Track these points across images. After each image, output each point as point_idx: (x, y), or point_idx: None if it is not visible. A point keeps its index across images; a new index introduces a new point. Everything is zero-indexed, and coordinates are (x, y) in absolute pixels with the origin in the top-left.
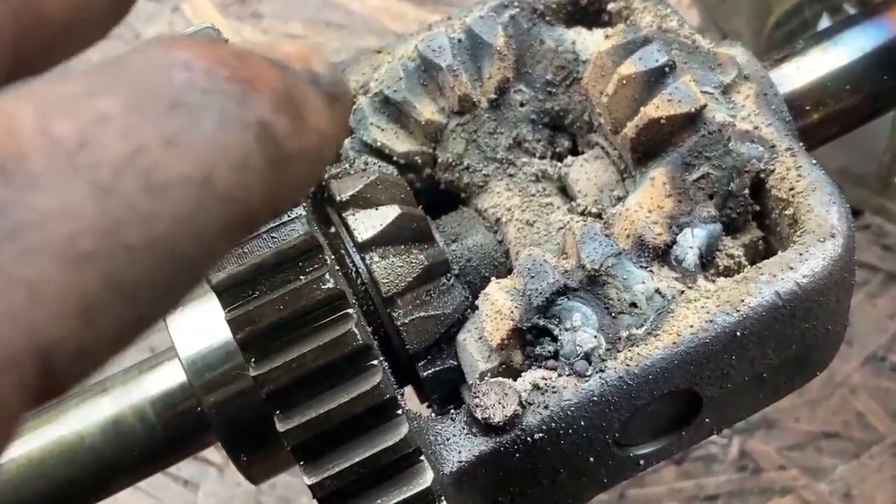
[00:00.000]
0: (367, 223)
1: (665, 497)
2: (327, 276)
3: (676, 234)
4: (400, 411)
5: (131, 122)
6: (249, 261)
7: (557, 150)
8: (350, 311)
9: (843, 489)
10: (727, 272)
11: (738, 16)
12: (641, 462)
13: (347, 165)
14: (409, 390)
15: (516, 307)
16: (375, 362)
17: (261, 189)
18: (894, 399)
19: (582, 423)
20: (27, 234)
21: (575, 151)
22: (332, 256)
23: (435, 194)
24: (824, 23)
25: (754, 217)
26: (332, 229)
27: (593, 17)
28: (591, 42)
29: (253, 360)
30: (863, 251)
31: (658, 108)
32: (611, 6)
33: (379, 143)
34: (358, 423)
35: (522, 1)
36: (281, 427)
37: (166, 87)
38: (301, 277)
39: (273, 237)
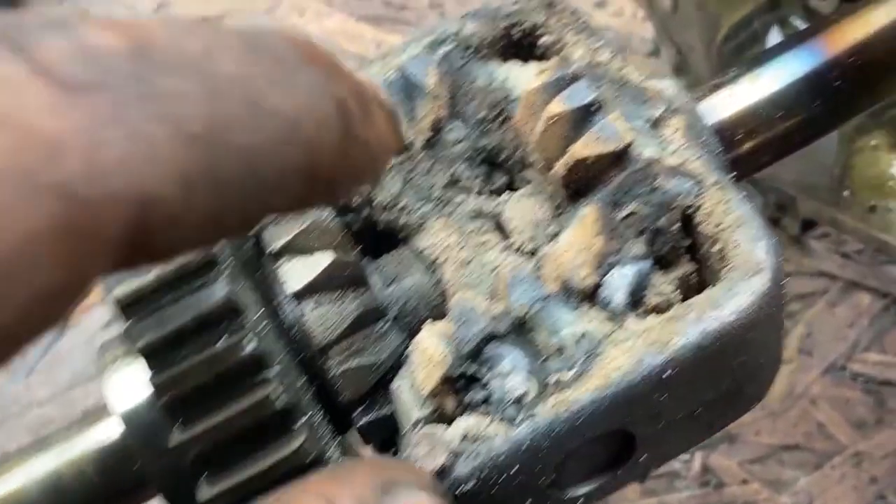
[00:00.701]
0: (299, 273)
1: None
2: (246, 339)
3: (605, 274)
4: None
5: (246, 58)
6: (171, 324)
7: (494, 186)
8: (273, 372)
9: (806, 501)
10: (658, 309)
11: (690, 29)
12: (579, 502)
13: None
14: None
15: (448, 353)
16: (299, 423)
17: (331, 152)
18: (855, 408)
19: (514, 470)
20: (158, 102)
21: (512, 187)
22: (263, 310)
23: (375, 234)
24: (774, 35)
25: (687, 250)
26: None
27: (529, 50)
28: (522, 78)
29: (178, 425)
30: (822, 260)
31: (586, 146)
32: (543, 40)
33: None
34: (283, 485)
35: (457, 37)
36: (203, 495)
37: (276, 47)
38: (221, 341)
39: (192, 300)
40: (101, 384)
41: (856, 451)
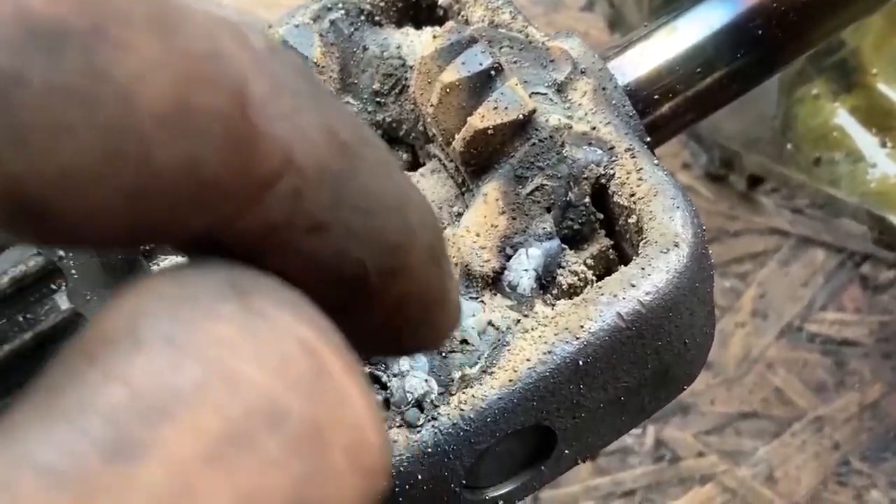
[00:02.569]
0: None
1: (581, 496)
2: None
3: (510, 257)
4: None
5: None
6: (6, 346)
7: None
8: None
9: (766, 471)
10: (572, 290)
11: None
12: (501, 503)
13: None
14: None
15: None
16: None
17: None
18: (814, 372)
19: (420, 476)
20: None
21: (416, 164)
22: None
23: None
24: None
25: (602, 225)
26: None
27: (427, 13)
28: (418, 44)
29: None
30: (772, 216)
31: (483, 117)
32: (442, 0)
33: None
34: None
35: (348, 2)
36: None
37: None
38: None
39: (30, 317)
40: None
41: (816, 416)
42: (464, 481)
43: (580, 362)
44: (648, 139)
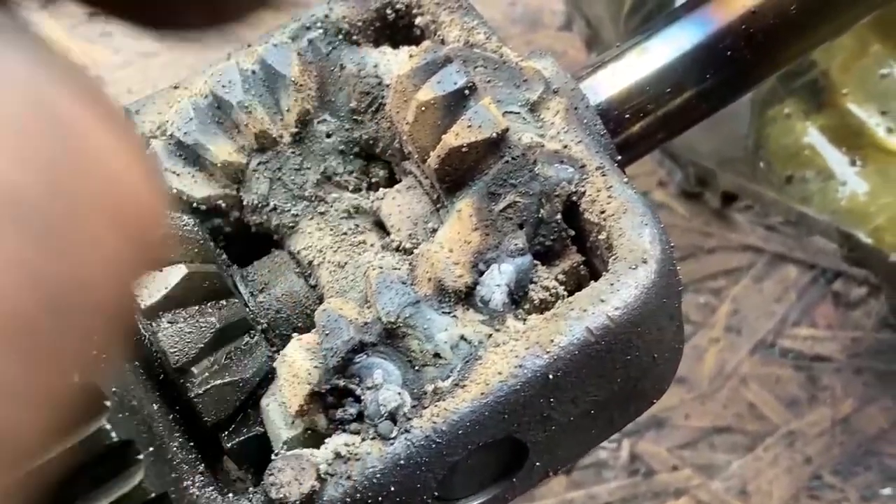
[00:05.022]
0: (150, 287)
1: None
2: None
3: (482, 273)
4: None
5: None
6: None
7: (373, 180)
8: (107, 402)
9: (739, 485)
10: (543, 306)
11: (598, 1)
12: None
13: None
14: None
15: (315, 367)
16: (140, 456)
17: None
18: (786, 387)
19: (392, 488)
20: None
21: (393, 180)
22: None
23: (249, 238)
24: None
25: (574, 241)
26: None
27: (404, 32)
28: (395, 63)
29: None
30: (746, 234)
31: (458, 135)
32: (418, 20)
33: (175, 190)
34: None
35: (326, 21)
36: None
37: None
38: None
39: None
40: None
41: (789, 431)
42: (436, 493)
43: (550, 376)
44: (619, 157)
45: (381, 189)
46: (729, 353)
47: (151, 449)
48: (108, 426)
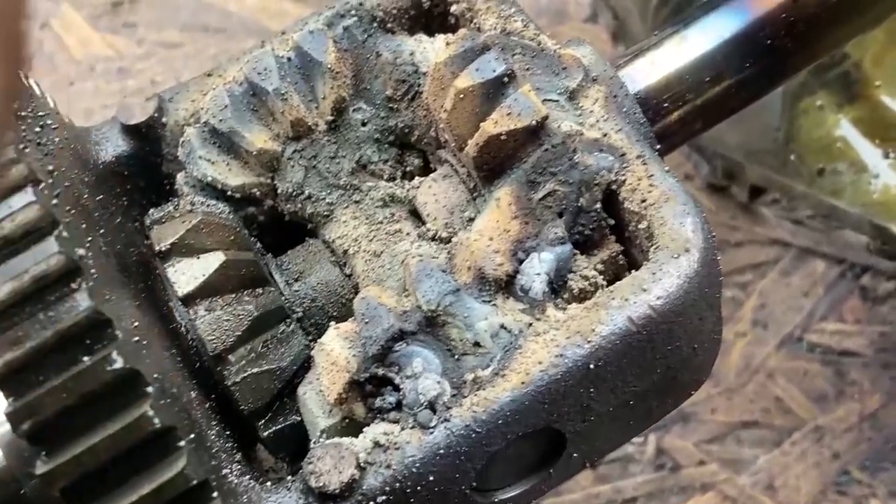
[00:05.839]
0: (188, 274)
1: (582, 503)
2: (115, 354)
3: (522, 261)
4: (215, 494)
5: None
6: (27, 344)
7: (408, 169)
8: (148, 389)
9: (766, 480)
10: (583, 295)
11: None
12: None
13: (172, 208)
14: None
15: (354, 356)
16: (182, 443)
17: None
18: (814, 381)
19: (431, 478)
20: None
21: (427, 169)
22: (144, 319)
23: (282, 227)
24: None
25: (612, 230)
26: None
27: (439, 20)
28: (431, 51)
29: (43, 454)
30: (774, 227)
31: (497, 123)
32: (454, 8)
33: (210, 178)
34: None
35: (361, 9)
36: None
37: None
38: (86, 358)
39: (51, 315)
40: None
41: (816, 426)
42: (474, 483)
43: (591, 366)
44: (659, 146)
45: (415, 178)
46: (756, 348)
47: (192, 436)
48: (151, 412)
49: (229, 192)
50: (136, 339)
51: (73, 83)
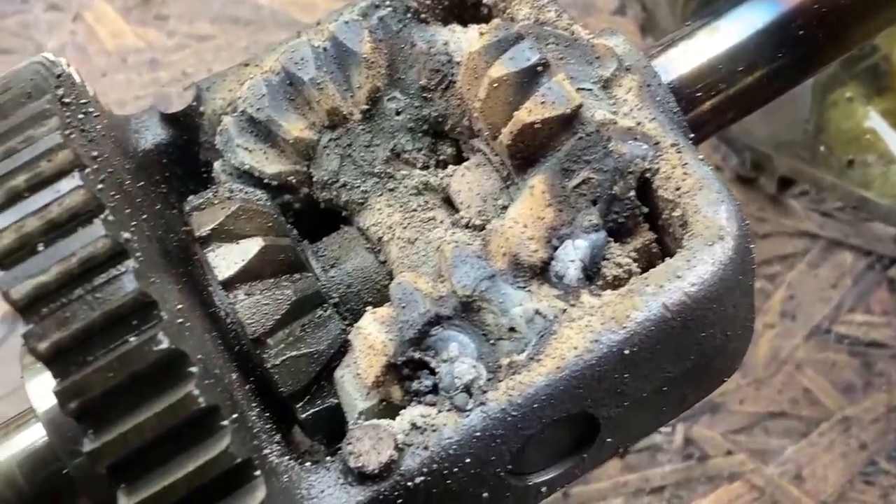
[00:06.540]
0: (228, 259)
1: (610, 492)
2: (160, 335)
3: (556, 248)
4: (258, 472)
5: None
6: (75, 325)
7: (441, 158)
8: (193, 369)
9: (794, 470)
10: (617, 282)
11: None
12: (544, 489)
13: (211, 194)
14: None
15: (390, 340)
16: (225, 422)
17: None
18: (842, 372)
19: (467, 459)
20: None
21: (460, 158)
22: (187, 302)
23: (317, 214)
24: None
25: (645, 219)
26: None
27: (471, 11)
28: (465, 41)
29: (90, 431)
30: (802, 219)
31: (531, 111)
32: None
33: (247, 166)
34: (209, 492)
35: (395, 0)
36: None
37: None
38: (132, 339)
39: (98, 297)
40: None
41: (844, 417)
42: (509, 466)
43: (626, 351)
44: (692, 135)
45: (449, 166)
46: (784, 339)
47: (235, 416)
48: (196, 391)
49: (266, 180)
50: (180, 321)
51: (105, 75)
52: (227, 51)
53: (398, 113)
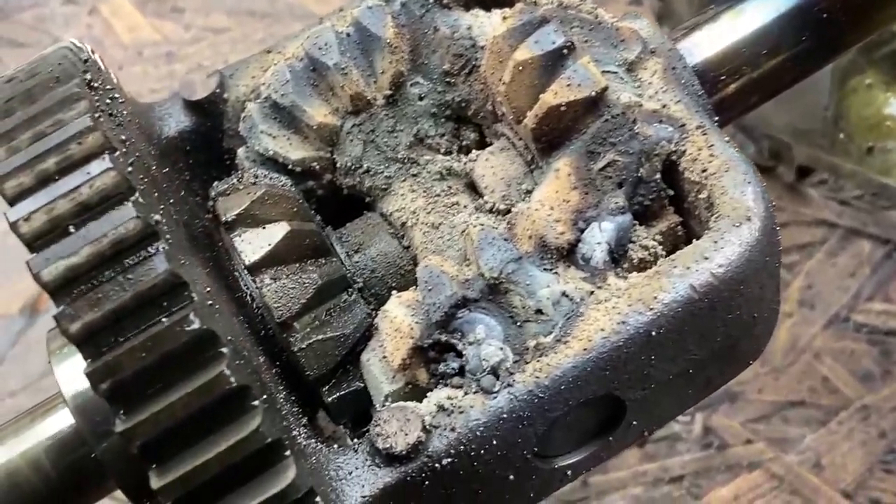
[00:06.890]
0: (254, 244)
1: (629, 481)
2: (192, 315)
3: (582, 231)
4: (288, 452)
5: None
6: (106, 306)
7: (464, 143)
8: (224, 349)
9: (813, 459)
10: (642, 265)
11: None
12: (569, 472)
13: (236, 180)
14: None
15: (417, 323)
16: (256, 403)
17: None
18: (860, 361)
19: (494, 441)
20: None
21: (483, 143)
22: (214, 285)
23: (340, 200)
24: None
25: (671, 201)
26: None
27: None
28: (488, 25)
29: (122, 412)
30: (820, 207)
31: (556, 94)
32: None
33: (271, 152)
34: (239, 472)
35: None
36: (155, 483)
37: None
38: (164, 319)
39: (129, 278)
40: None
41: (863, 405)
42: (535, 449)
43: (653, 333)
44: (717, 118)
45: (472, 151)
46: (802, 328)
47: (265, 397)
48: (228, 371)
49: (290, 166)
50: (210, 302)
51: (121, 67)
52: (243, 43)
53: (421, 98)
